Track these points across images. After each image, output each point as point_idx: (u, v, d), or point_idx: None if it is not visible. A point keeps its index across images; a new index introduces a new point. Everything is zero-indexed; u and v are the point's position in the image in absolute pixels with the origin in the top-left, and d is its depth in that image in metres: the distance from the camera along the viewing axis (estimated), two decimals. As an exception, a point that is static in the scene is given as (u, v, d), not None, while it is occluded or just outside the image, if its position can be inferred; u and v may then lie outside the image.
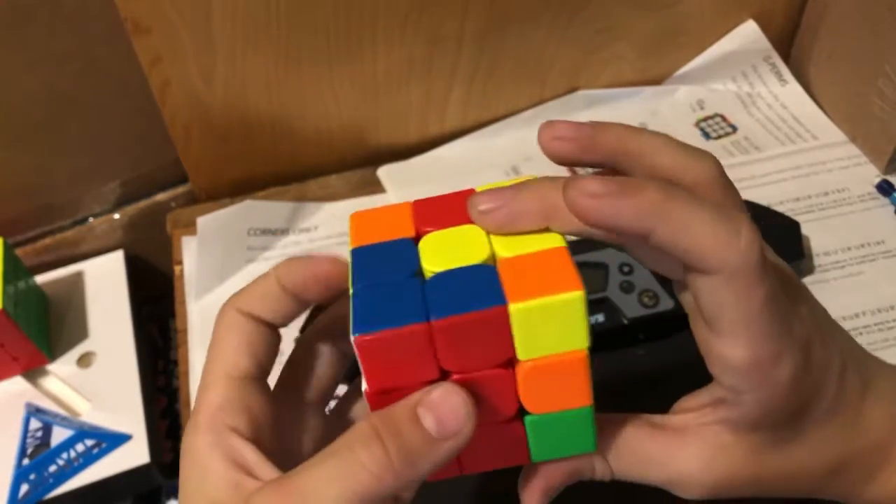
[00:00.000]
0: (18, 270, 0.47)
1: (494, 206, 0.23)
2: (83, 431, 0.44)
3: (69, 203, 0.54)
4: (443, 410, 0.21)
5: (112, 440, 0.44)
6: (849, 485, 0.26)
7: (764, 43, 0.58)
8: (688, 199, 0.22)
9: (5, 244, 0.46)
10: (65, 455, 0.44)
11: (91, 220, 0.55)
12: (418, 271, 0.23)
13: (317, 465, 0.22)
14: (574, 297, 0.21)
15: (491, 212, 0.23)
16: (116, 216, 0.55)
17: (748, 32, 0.57)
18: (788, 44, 0.59)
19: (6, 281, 0.44)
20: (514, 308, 0.21)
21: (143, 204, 0.55)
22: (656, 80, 0.59)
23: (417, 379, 0.22)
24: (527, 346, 0.22)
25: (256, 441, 0.24)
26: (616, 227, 0.22)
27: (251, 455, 0.23)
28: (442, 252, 0.23)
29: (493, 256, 0.23)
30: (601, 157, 0.25)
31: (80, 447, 0.44)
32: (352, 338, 0.21)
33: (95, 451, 0.44)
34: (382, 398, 0.23)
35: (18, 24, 0.44)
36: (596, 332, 0.23)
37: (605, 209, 0.21)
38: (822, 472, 0.25)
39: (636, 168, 0.25)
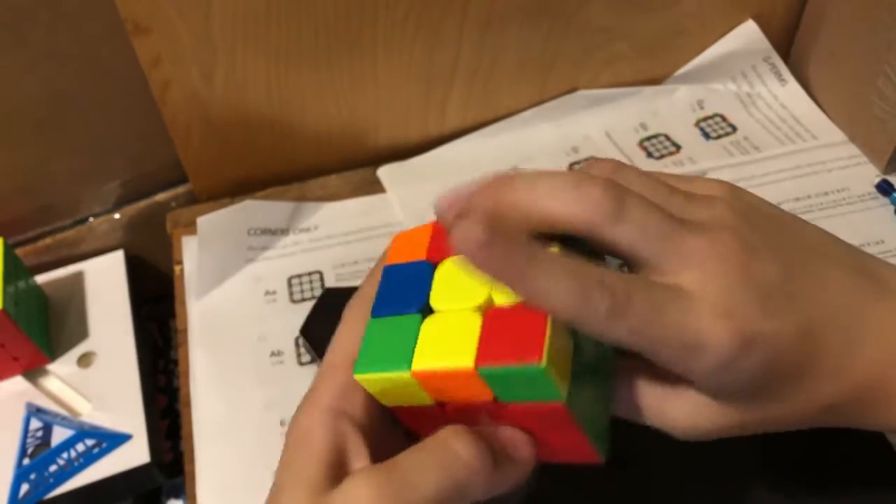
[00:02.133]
0: (18, 270, 0.47)
1: (448, 208, 0.24)
2: (83, 431, 0.44)
3: (69, 203, 0.54)
4: (517, 443, 0.25)
5: (112, 440, 0.44)
6: (846, 418, 0.27)
7: (764, 43, 0.58)
8: (536, 177, 0.23)
9: (5, 244, 0.46)
10: (65, 455, 0.44)
11: (91, 219, 0.55)
12: (425, 304, 0.25)
13: (412, 454, 0.23)
14: (536, 369, 0.22)
15: (445, 212, 0.24)
16: (116, 216, 0.55)
17: (748, 32, 0.58)
18: (788, 44, 0.59)
19: (6, 281, 0.44)
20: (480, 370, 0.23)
21: (143, 204, 0.55)
22: (656, 80, 0.59)
23: (422, 404, 0.25)
24: (502, 393, 0.24)
25: (364, 430, 0.25)
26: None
27: (356, 443, 0.25)
28: (450, 286, 0.25)
29: (490, 299, 0.24)
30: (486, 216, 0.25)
31: (80, 447, 0.44)
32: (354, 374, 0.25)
33: (96, 450, 0.44)
34: (404, 416, 0.26)
35: (18, 24, 0.44)
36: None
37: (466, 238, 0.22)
38: (811, 414, 0.26)
39: (523, 222, 0.25)
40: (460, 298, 0.24)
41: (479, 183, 0.25)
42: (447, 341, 0.24)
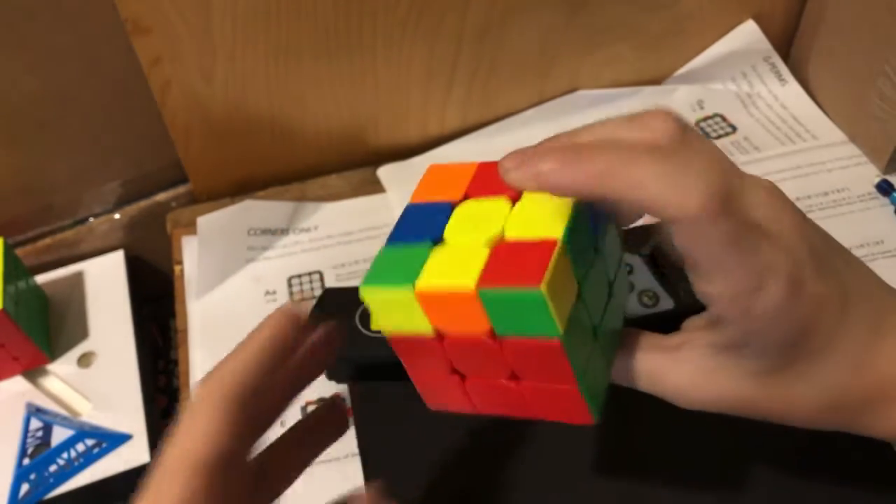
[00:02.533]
0: (19, 270, 0.47)
1: (514, 165, 0.25)
2: (83, 431, 0.44)
3: (69, 203, 0.54)
4: None
5: (112, 440, 0.44)
6: (852, 419, 0.26)
7: (764, 43, 0.58)
8: (637, 157, 0.22)
9: (5, 244, 0.46)
10: (65, 455, 0.44)
11: (91, 220, 0.55)
12: (440, 238, 0.26)
13: None
14: (535, 293, 0.22)
15: (511, 170, 0.25)
16: (117, 216, 0.55)
17: (748, 32, 0.58)
18: (788, 44, 0.59)
19: (6, 281, 0.44)
20: (480, 292, 0.23)
21: (143, 204, 0.55)
22: (656, 80, 0.59)
23: (420, 333, 0.25)
24: (499, 324, 0.24)
25: None
26: (575, 194, 0.23)
27: None
28: (464, 223, 0.26)
29: (501, 234, 0.25)
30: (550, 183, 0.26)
31: (80, 447, 0.44)
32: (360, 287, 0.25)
33: (96, 450, 0.44)
34: (400, 347, 0.26)
35: (18, 24, 0.44)
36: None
37: (560, 177, 0.23)
38: (820, 404, 0.26)
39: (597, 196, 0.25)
40: (473, 232, 0.25)
41: (540, 148, 0.25)
42: (453, 266, 0.24)
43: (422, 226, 0.26)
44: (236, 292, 0.49)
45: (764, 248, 0.23)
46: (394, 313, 0.25)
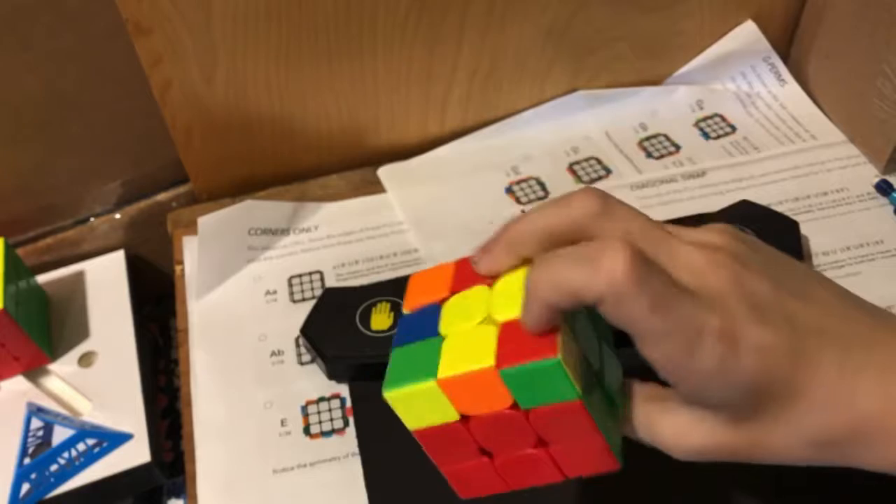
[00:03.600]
0: (19, 270, 0.47)
1: (477, 259, 0.29)
2: (84, 431, 0.44)
3: (70, 203, 0.54)
4: None
5: (113, 439, 0.45)
6: (842, 455, 0.26)
7: (763, 43, 0.58)
8: (554, 258, 0.25)
9: (6, 244, 0.46)
10: (66, 454, 0.44)
11: (92, 219, 0.55)
12: (437, 333, 0.28)
13: None
14: (552, 364, 0.24)
15: (477, 264, 0.29)
16: (117, 216, 0.55)
17: (747, 33, 0.58)
18: (787, 44, 0.59)
19: (7, 281, 0.44)
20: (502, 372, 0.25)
21: (143, 204, 0.55)
22: (656, 81, 0.59)
23: (447, 421, 0.27)
24: (522, 398, 0.26)
25: None
26: (553, 318, 0.25)
27: None
28: (455, 314, 0.28)
29: (489, 317, 0.27)
30: (509, 262, 0.28)
31: (81, 446, 0.44)
32: (384, 395, 0.27)
33: (96, 450, 0.44)
34: (428, 439, 0.28)
35: (19, 24, 0.44)
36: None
37: (533, 320, 0.25)
38: (802, 445, 0.26)
39: (539, 247, 0.27)
40: (464, 320, 0.27)
41: (493, 237, 0.28)
42: (466, 352, 0.26)
43: (419, 327, 0.29)
44: (237, 292, 0.49)
45: (689, 310, 0.24)
46: (420, 408, 0.27)
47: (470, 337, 0.27)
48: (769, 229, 0.46)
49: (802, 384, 0.25)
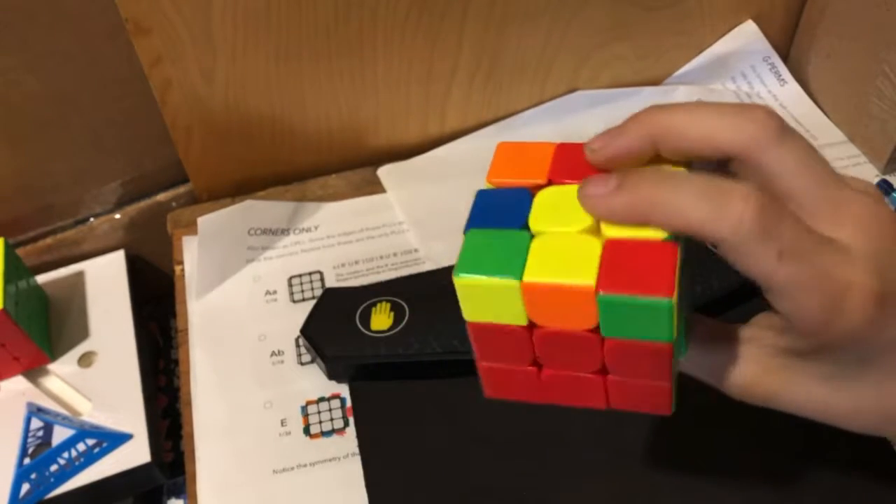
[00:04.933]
0: (19, 270, 0.47)
1: (603, 144, 0.25)
2: (84, 431, 0.44)
3: (70, 203, 0.54)
4: None
5: (113, 439, 0.45)
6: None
7: (763, 43, 0.58)
8: (678, 183, 0.22)
9: (6, 244, 0.46)
10: (66, 454, 0.44)
11: (92, 220, 0.55)
12: (525, 226, 0.24)
13: None
14: (664, 303, 0.22)
15: (601, 149, 0.25)
16: (117, 216, 0.55)
17: (747, 33, 0.58)
18: (787, 44, 0.59)
19: (7, 281, 0.44)
20: (600, 297, 0.22)
21: (143, 204, 0.55)
22: (656, 80, 0.59)
23: (511, 324, 0.24)
24: (608, 326, 0.23)
25: None
26: (618, 219, 0.23)
27: None
28: (551, 212, 0.24)
29: (595, 227, 0.24)
30: (639, 148, 0.25)
31: (81, 446, 0.44)
32: (454, 277, 0.24)
33: (96, 450, 0.44)
34: (482, 333, 0.25)
35: (18, 24, 0.44)
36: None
37: (602, 208, 0.23)
38: (879, 413, 0.25)
39: (679, 146, 0.24)
40: (564, 222, 0.24)
41: (628, 119, 0.25)
42: (565, 259, 0.23)
43: (504, 212, 0.25)
44: (236, 292, 0.49)
45: (836, 264, 0.22)
46: (489, 303, 0.24)
47: (569, 244, 0.23)
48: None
49: None
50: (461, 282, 0.24)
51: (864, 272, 0.22)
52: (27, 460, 0.44)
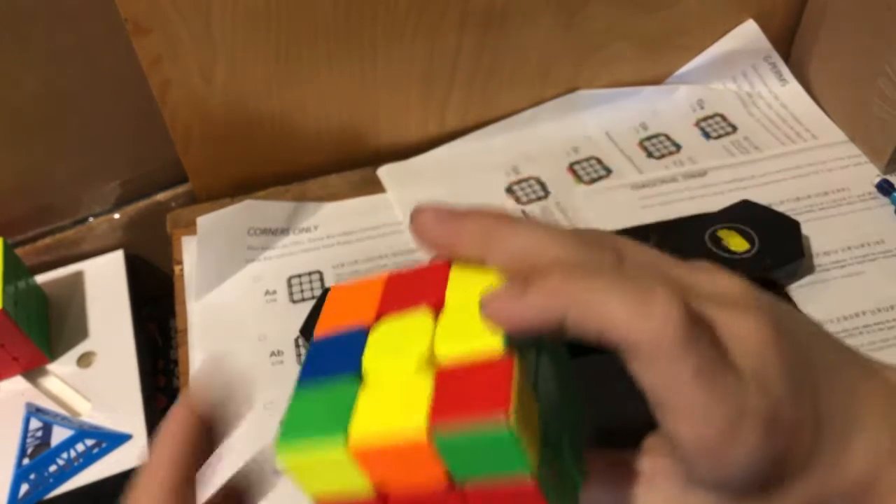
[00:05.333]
0: (18, 270, 0.47)
1: (433, 227, 0.22)
2: (83, 431, 0.44)
3: (69, 203, 0.54)
4: None
5: (112, 440, 0.44)
6: None
7: (764, 43, 0.58)
8: (592, 278, 0.20)
9: (5, 244, 0.46)
10: (65, 455, 0.44)
11: (91, 219, 0.55)
12: (358, 372, 0.21)
13: None
14: (502, 426, 0.18)
15: (429, 231, 0.22)
16: (116, 216, 0.55)
17: (748, 32, 0.58)
18: (788, 43, 0.59)
19: (6, 281, 0.44)
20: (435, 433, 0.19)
21: (143, 204, 0.55)
22: (656, 80, 0.59)
23: (357, 496, 0.21)
24: (458, 468, 0.20)
25: None
26: (529, 325, 0.20)
27: None
28: (385, 346, 0.22)
29: (431, 354, 0.21)
30: (469, 253, 0.22)
31: (80, 447, 0.44)
32: (275, 450, 0.21)
33: (95, 450, 0.44)
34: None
35: (18, 24, 0.44)
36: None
37: (513, 317, 0.20)
38: None
39: (509, 263, 0.22)
40: (397, 356, 0.21)
41: (471, 211, 0.22)
42: (391, 405, 0.20)
43: (335, 359, 0.22)
44: (236, 292, 0.49)
45: (734, 386, 0.20)
46: (322, 475, 0.21)
47: (398, 383, 0.20)
48: (770, 229, 0.46)
49: (811, 457, 0.23)
50: (282, 453, 0.20)
51: (755, 395, 0.20)
52: (26, 461, 0.43)
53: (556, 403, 0.22)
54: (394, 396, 0.20)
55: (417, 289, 0.23)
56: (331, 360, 0.22)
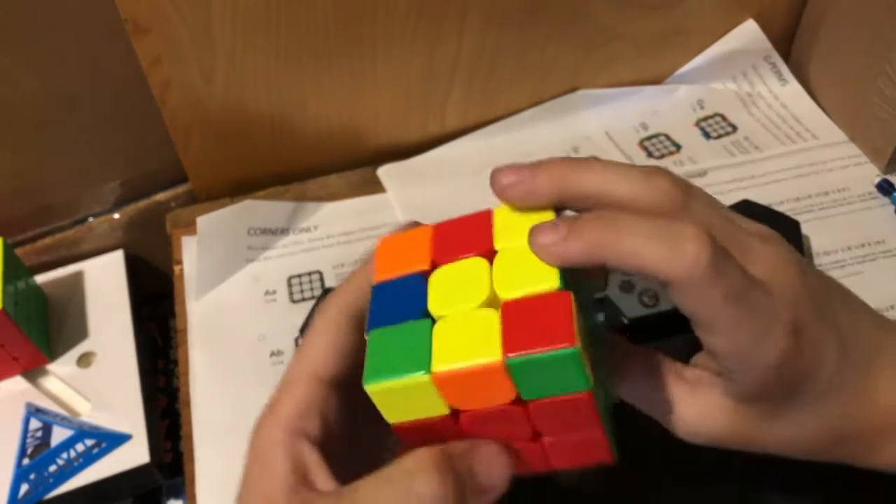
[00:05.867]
0: (18, 270, 0.47)
1: (515, 181, 0.26)
2: (83, 431, 0.44)
3: (69, 203, 0.54)
4: (492, 466, 0.24)
5: (112, 440, 0.44)
6: (853, 453, 0.27)
7: (764, 42, 0.58)
8: (629, 225, 0.23)
9: (5, 244, 0.46)
10: (65, 455, 0.44)
11: (91, 219, 0.55)
12: (425, 313, 0.24)
13: (374, 488, 0.23)
14: (570, 352, 0.22)
15: (511, 186, 0.26)
16: (116, 216, 0.55)
17: (748, 32, 0.57)
18: (788, 43, 0.59)
19: (6, 281, 0.44)
20: (508, 361, 0.22)
21: (142, 204, 0.55)
22: (656, 80, 0.59)
23: (434, 416, 0.24)
24: (526, 389, 0.23)
25: (325, 446, 0.25)
26: (573, 265, 0.23)
27: (315, 462, 0.24)
28: (447, 292, 0.24)
29: (493, 296, 0.24)
30: (547, 198, 0.26)
31: (80, 447, 0.44)
32: (364, 386, 0.23)
33: (95, 450, 0.44)
34: (409, 433, 0.24)
35: (18, 24, 0.44)
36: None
37: (556, 254, 0.23)
38: (821, 442, 0.26)
39: (585, 203, 0.26)
40: (462, 299, 0.24)
41: (541, 163, 0.26)
42: (466, 340, 0.23)
43: (400, 304, 0.24)
44: (236, 292, 0.49)
45: (763, 302, 0.24)
46: (406, 403, 0.24)
47: (469, 322, 0.23)
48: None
49: (839, 378, 0.25)
50: (372, 389, 0.23)
51: (781, 307, 0.24)
52: (26, 461, 0.43)
53: (590, 329, 0.25)
54: (466, 331, 0.23)
55: (466, 235, 0.26)
56: (397, 304, 0.24)
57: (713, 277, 0.23)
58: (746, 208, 0.47)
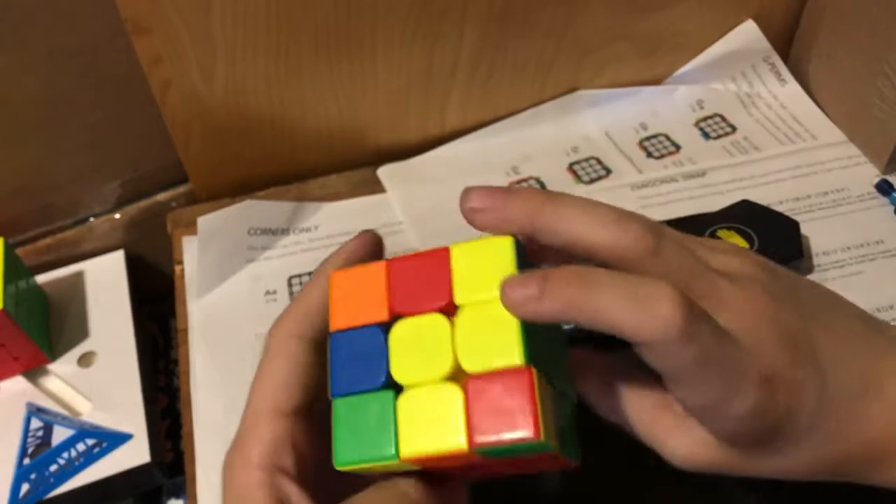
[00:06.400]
0: (19, 270, 0.47)
1: (486, 207, 0.25)
2: (84, 431, 0.44)
3: (69, 203, 0.54)
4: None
5: (113, 440, 0.45)
6: (850, 474, 0.27)
7: (763, 43, 0.58)
8: (602, 283, 0.23)
9: (6, 244, 0.46)
10: (65, 454, 0.44)
11: (91, 219, 0.55)
12: (388, 380, 0.24)
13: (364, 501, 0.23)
14: (534, 441, 0.22)
15: (481, 211, 0.25)
16: (117, 216, 0.55)
17: (747, 32, 0.58)
18: (788, 44, 0.59)
19: (7, 281, 0.44)
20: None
21: (143, 204, 0.55)
22: (656, 80, 0.59)
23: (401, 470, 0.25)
24: (492, 455, 0.24)
25: (301, 476, 0.25)
26: (544, 322, 0.23)
27: (296, 494, 0.24)
28: (409, 356, 0.24)
29: (456, 366, 0.24)
30: (517, 229, 0.25)
31: (80, 447, 0.44)
32: (335, 465, 0.24)
33: (96, 450, 0.44)
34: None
35: (18, 24, 0.44)
36: (588, 333, 0.24)
37: (528, 312, 0.23)
38: (813, 469, 0.26)
39: (555, 241, 0.25)
40: (426, 367, 0.24)
41: (514, 192, 0.25)
42: (432, 420, 0.23)
43: (362, 364, 0.24)
44: (236, 292, 0.49)
45: (733, 357, 0.24)
46: (376, 469, 0.24)
47: (433, 398, 0.23)
48: (769, 229, 0.46)
49: (817, 417, 0.25)
50: (343, 468, 0.24)
51: (751, 360, 0.24)
52: (27, 460, 0.44)
53: (558, 362, 0.26)
54: (431, 411, 0.23)
55: (423, 280, 0.25)
56: (358, 364, 0.24)
57: (685, 341, 0.22)
58: (746, 208, 0.48)
